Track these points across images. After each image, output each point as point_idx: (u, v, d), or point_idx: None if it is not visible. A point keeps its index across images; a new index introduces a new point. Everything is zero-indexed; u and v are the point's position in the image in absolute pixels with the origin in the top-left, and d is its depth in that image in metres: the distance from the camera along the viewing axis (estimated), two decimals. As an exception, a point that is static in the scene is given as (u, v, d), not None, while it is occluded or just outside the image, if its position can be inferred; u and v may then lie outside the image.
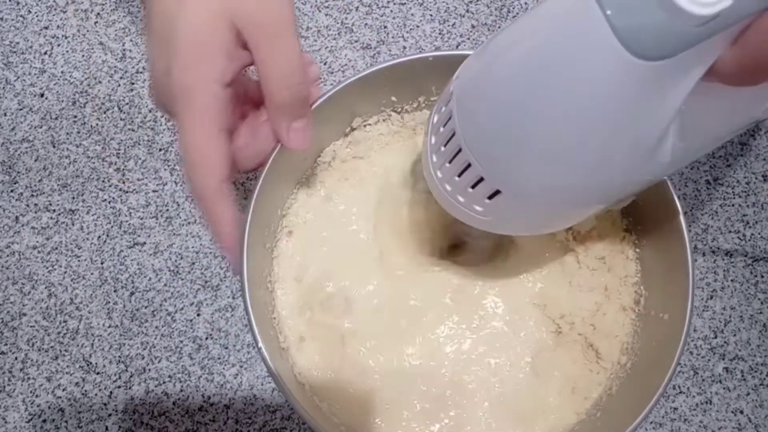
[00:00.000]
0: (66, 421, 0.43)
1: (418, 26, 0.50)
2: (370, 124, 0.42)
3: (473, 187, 0.29)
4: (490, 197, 0.29)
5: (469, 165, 0.28)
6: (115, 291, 0.45)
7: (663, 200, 0.37)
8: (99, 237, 0.46)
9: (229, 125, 0.31)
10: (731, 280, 0.44)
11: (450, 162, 0.30)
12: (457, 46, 0.49)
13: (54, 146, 0.48)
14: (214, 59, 0.29)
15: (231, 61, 0.30)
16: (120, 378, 0.43)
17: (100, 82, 0.49)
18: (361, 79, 0.38)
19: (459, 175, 0.29)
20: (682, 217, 0.36)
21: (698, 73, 0.23)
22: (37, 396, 0.43)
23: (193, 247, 0.45)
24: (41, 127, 0.48)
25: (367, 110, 0.42)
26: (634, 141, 0.25)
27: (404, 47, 0.49)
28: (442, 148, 0.30)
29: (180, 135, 0.30)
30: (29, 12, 0.51)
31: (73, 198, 0.47)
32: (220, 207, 0.31)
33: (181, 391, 0.43)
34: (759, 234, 0.45)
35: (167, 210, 0.46)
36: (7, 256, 0.46)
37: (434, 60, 0.38)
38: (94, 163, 0.48)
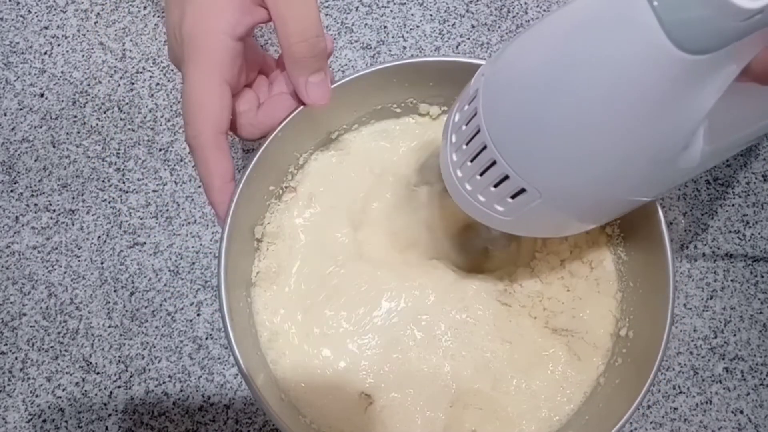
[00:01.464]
0: (66, 421, 0.43)
1: (418, 26, 0.50)
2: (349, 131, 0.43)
3: (496, 185, 0.29)
4: (514, 196, 0.28)
5: (493, 163, 0.28)
6: (115, 291, 0.45)
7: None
8: (99, 237, 0.46)
9: (234, 80, 0.31)
10: (731, 280, 0.44)
11: (472, 160, 0.29)
12: (457, 47, 0.49)
13: (54, 146, 0.48)
14: (225, 11, 0.29)
15: (243, 15, 0.30)
16: (120, 378, 0.43)
17: (100, 82, 0.49)
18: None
19: (481, 174, 0.29)
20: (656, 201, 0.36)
21: (734, 72, 0.23)
22: (37, 396, 0.43)
23: (193, 247, 0.45)
24: (41, 127, 0.48)
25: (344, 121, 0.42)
26: (666, 137, 0.25)
27: (404, 47, 0.49)
28: (464, 147, 0.29)
29: (183, 84, 0.30)
30: (29, 12, 0.51)
31: (73, 198, 0.47)
32: (213, 157, 0.31)
33: (181, 391, 0.43)
34: (759, 234, 0.45)
35: (167, 210, 0.46)
36: (7, 256, 0.46)
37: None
38: (94, 163, 0.47)
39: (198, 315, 0.44)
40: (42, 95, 0.49)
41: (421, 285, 0.41)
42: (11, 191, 0.47)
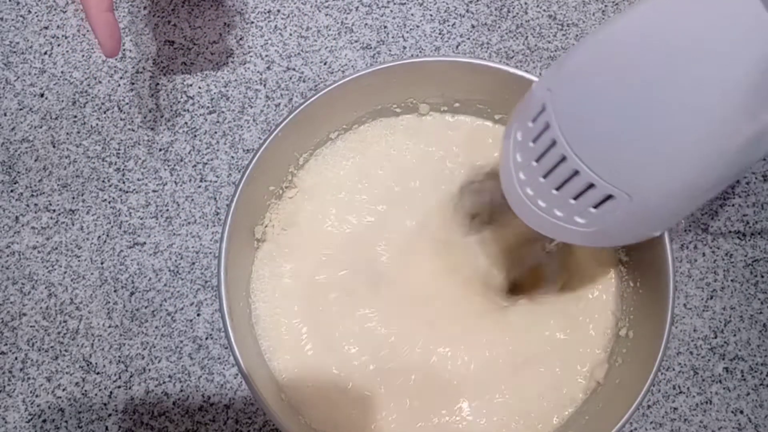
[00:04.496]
0: (66, 421, 0.43)
1: (418, 26, 0.50)
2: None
3: (576, 197, 0.28)
4: (597, 205, 0.27)
5: (575, 173, 0.27)
6: (115, 291, 0.45)
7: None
8: (99, 237, 0.46)
9: None
10: (731, 280, 0.44)
11: (545, 176, 0.28)
12: (457, 47, 0.49)
13: (54, 146, 0.48)
14: None
15: None
16: (120, 378, 0.43)
17: (100, 82, 0.49)
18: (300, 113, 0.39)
19: (558, 188, 0.28)
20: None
21: None
22: (37, 396, 0.43)
23: (193, 247, 0.45)
24: (41, 127, 0.48)
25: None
26: (760, 130, 0.24)
27: (404, 47, 0.49)
28: (534, 164, 0.29)
29: None
30: (29, 12, 0.51)
31: (73, 198, 0.47)
32: None
33: (181, 391, 0.43)
34: (759, 234, 0.45)
35: (167, 210, 0.46)
36: (7, 256, 0.46)
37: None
38: (94, 163, 0.48)
39: (198, 315, 0.44)
40: (42, 95, 0.49)
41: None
42: (11, 191, 0.47)
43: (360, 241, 0.41)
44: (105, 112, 0.49)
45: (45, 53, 0.50)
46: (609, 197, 0.27)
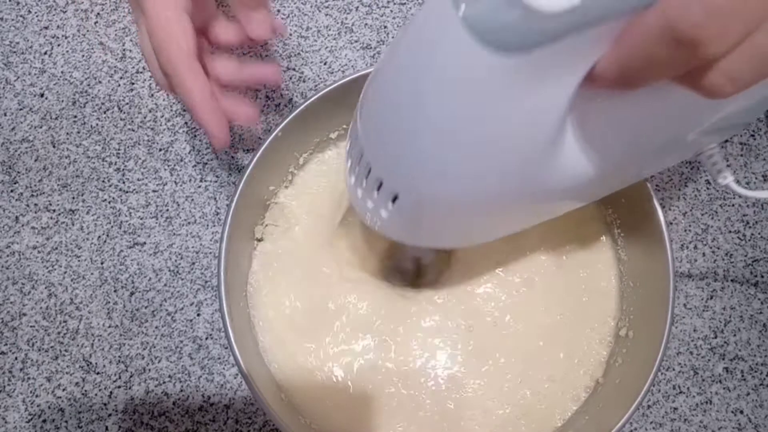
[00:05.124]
0: (66, 421, 0.43)
1: (418, 26, 0.50)
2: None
3: (378, 190, 0.29)
4: (393, 201, 0.29)
5: (370, 169, 0.29)
6: (115, 291, 0.45)
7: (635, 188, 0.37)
8: (99, 237, 0.46)
9: (189, 11, 0.33)
10: (731, 280, 0.44)
11: (358, 165, 0.30)
12: (457, 46, 0.49)
13: (54, 146, 0.48)
14: None
15: None
16: (120, 378, 0.43)
17: (100, 82, 0.49)
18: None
19: (366, 178, 0.29)
20: (655, 201, 0.37)
21: (573, 76, 0.22)
22: (37, 396, 0.43)
23: (193, 247, 0.45)
24: (41, 127, 0.48)
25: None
26: (515, 146, 0.25)
27: (404, 47, 0.49)
28: (353, 152, 0.30)
29: (145, 20, 0.33)
30: (29, 12, 0.51)
31: (73, 198, 0.47)
32: (189, 77, 0.33)
33: (181, 391, 0.43)
34: (759, 234, 0.45)
35: (167, 210, 0.46)
36: (7, 256, 0.46)
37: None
38: (94, 163, 0.47)
39: (198, 315, 0.44)
40: (42, 95, 0.49)
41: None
42: (11, 191, 0.47)
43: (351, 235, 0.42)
44: (105, 112, 0.49)
45: (45, 53, 0.50)
46: (397, 195, 0.28)
